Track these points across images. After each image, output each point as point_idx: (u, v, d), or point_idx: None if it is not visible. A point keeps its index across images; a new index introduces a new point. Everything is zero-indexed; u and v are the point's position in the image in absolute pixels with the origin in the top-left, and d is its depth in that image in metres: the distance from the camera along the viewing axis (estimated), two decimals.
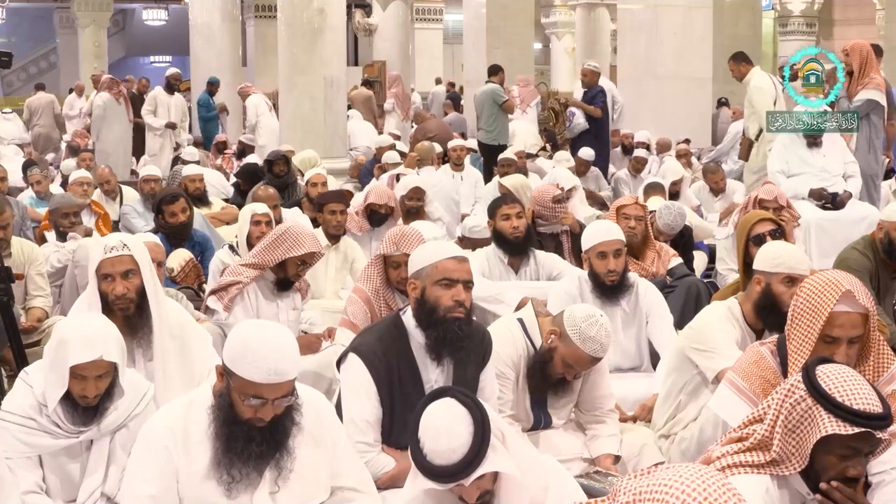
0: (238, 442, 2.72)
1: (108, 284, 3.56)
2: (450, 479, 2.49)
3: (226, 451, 2.73)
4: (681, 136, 10.75)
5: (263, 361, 2.65)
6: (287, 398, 2.72)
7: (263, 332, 2.73)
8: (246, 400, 2.69)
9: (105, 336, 3.01)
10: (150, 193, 7.62)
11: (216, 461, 2.74)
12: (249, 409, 2.70)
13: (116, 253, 3.57)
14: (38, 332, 5.39)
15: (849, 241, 5.66)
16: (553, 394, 3.72)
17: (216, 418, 2.75)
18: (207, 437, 2.76)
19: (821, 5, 22.19)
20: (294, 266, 4.75)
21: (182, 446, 2.77)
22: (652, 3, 10.68)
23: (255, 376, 2.65)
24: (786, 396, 2.49)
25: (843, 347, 2.95)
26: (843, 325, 2.95)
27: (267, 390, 2.67)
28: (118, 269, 3.56)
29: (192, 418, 2.79)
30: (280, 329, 2.80)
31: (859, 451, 2.42)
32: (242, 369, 2.67)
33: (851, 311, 2.94)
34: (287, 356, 2.70)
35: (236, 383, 2.69)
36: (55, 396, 2.99)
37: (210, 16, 15.29)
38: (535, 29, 19.01)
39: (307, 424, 2.84)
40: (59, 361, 2.97)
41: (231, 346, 2.73)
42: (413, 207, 6.81)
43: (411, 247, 4.20)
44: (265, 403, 2.69)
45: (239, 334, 2.75)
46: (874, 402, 2.38)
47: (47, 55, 27.71)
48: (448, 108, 16.23)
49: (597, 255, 4.51)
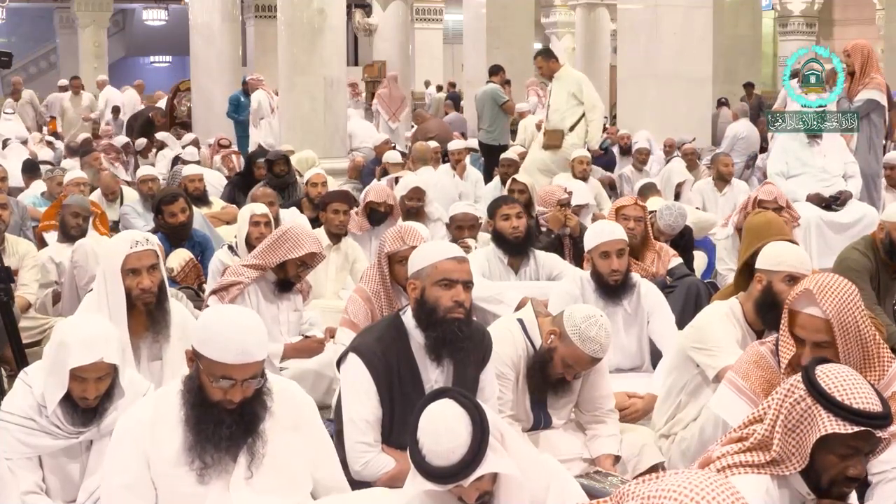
0: (208, 425, 2.75)
1: (134, 279, 3.59)
2: (449, 479, 2.49)
3: (196, 434, 2.75)
4: (681, 136, 10.74)
5: (231, 342, 2.69)
6: (256, 380, 2.75)
7: (231, 315, 2.79)
8: (215, 381, 2.72)
9: (105, 337, 3.01)
10: (150, 193, 7.62)
11: (187, 446, 2.76)
12: (219, 390, 2.73)
13: (142, 248, 3.61)
14: (39, 332, 5.39)
15: (849, 241, 5.66)
16: (553, 394, 3.72)
17: (186, 402, 2.78)
18: (178, 423, 2.78)
19: (821, 5, 22.18)
20: (294, 267, 4.75)
21: (149, 434, 2.78)
22: (652, 3, 10.66)
23: (223, 357, 2.69)
24: (785, 396, 2.49)
25: (807, 350, 2.98)
26: (805, 327, 3.00)
27: (235, 371, 2.70)
28: (144, 263, 3.60)
29: (162, 406, 2.82)
30: (247, 312, 2.87)
31: (859, 451, 2.41)
32: (210, 351, 2.70)
33: (812, 315, 2.98)
34: (254, 336, 2.74)
35: (205, 365, 2.73)
36: (55, 398, 3.00)
37: (210, 16, 15.26)
38: (535, 29, 19.00)
39: (281, 411, 2.85)
40: (59, 363, 2.98)
41: (200, 328, 2.78)
42: (413, 207, 6.81)
43: (416, 240, 4.22)
44: (234, 384, 2.72)
45: (207, 317, 2.82)
46: (874, 402, 2.38)
47: (47, 55, 27.71)
48: (448, 108, 16.23)
49: (600, 254, 4.51)
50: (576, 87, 9.17)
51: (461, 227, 6.17)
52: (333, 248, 6.05)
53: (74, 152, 12.22)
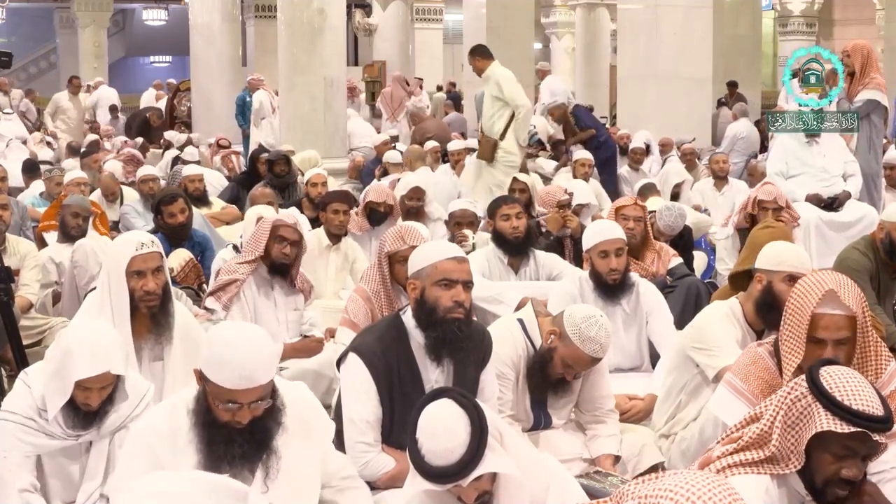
0: (219, 445, 2.72)
1: (139, 281, 3.57)
2: (448, 479, 2.50)
3: (208, 454, 2.72)
4: (681, 136, 10.73)
5: (235, 367, 2.64)
6: (264, 401, 2.71)
7: (236, 337, 2.71)
8: (221, 404, 2.68)
9: (112, 348, 2.99)
10: (150, 194, 7.62)
11: (202, 464, 2.72)
12: (226, 412, 2.69)
13: (147, 250, 3.60)
14: (39, 332, 5.39)
15: (849, 241, 5.66)
16: (553, 394, 3.72)
17: (196, 422, 2.75)
18: (190, 440, 2.75)
19: (821, 5, 22.16)
20: (277, 249, 4.79)
21: (169, 447, 2.76)
22: (652, 3, 10.65)
23: (226, 382, 2.65)
24: (787, 394, 2.50)
25: (828, 350, 2.96)
26: (828, 327, 2.96)
27: (240, 395, 2.67)
28: (150, 265, 3.59)
29: (176, 420, 2.79)
30: (256, 333, 2.77)
31: (855, 453, 2.41)
32: (215, 375, 2.67)
33: (835, 314, 2.94)
34: (259, 361, 2.68)
35: (211, 388, 2.69)
36: (56, 405, 2.98)
37: (210, 16, 15.26)
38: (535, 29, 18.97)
39: (294, 424, 2.83)
40: (63, 373, 2.96)
41: (206, 350, 2.73)
42: (413, 207, 6.81)
43: (416, 240, 4.22)
44: (241, 407, 2.68)
45: (213, 339, 2.75)
46: (874, 405, 2.38)
47: (47, 55, 27.69)
48: (448, 108, 16.23)
49: (598, 254, 4.51)
50: (496, 89, 8.74)
51: (460, 224, 6.16)
52: (333, 248, 6.05)
53: (75, 152, 12.22)
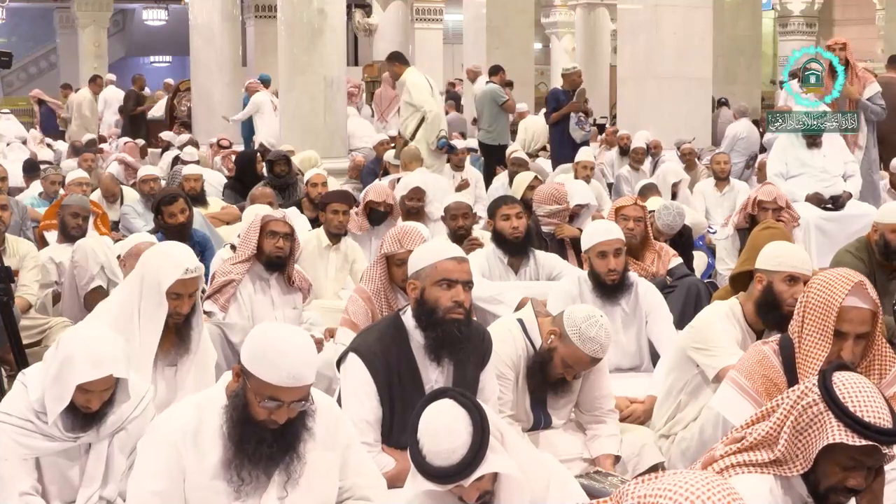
0: (250, 443, 2.70)
1: (174, 302, 3.59)
2: (449, 480, 2.50)
3: (237, 451, 2.71)
4: (680, 136, 10.74)
5: (284, 364, 2.64)
6: (303, 402, 2.70)
7: (285, 335, 2.71)
8: (262, 401, 2.67)
9: (114, 354, 2.98)
10: (150, 194, 7.62)
11: (227, 461, 2.72)
12: (264, 410, 2.68)
13: (190, 275, 3.61)
14: (39, 332, 5.39)
15: (849, 241, 5.65)
16: (553, 394, 3.71)
17: (229, 418, 2.72)
18: (219, 437, 2.73)
19: (821, 5, 22.14)
20: (269, 244, 4.82)
21: (192, 445, 2.75)
22: (652, 3, 10.65)
23: (273, 378, 2.64)
24: (798, 398, 2.47)
25: (849, 343, 2.95)
26: (853, 321, 2.96)
27: (284, 393, 2.65)
28: (189, 289, 3.62)
29: (204, 418, 2.77)
30: (301, 333, 2.78)
31: (862, 464, 2.39)
32: (261, 370, 2.65)
33: (863, 307, 2.95)
34: (307, 361, 2.68)
35: (253, 384, 2.67)
36: (56, 409, 2.97)
37: (210, 16, 15.25)
38: (535, 29, 18.99)
39: (320, 431, 2.82)
40: (64, 378, 2.94)
41: (251, 346, 2.71)
42: (413, 207, 6.80)
43: (415, 243, 4.21)
44: (281, 406, 2.67)
45: (261, 335, 2.73)
46: (886, 417, 2.35)
47: (47, 55, 27.67)
48: (448, 108, 16.22)
49: (597, 254, 4.51)
50: (407, 94, 9.06)
51: (455, 217, 6.12)
52: (333, 248, 6.05)
53: (78, 152, 12.22)
